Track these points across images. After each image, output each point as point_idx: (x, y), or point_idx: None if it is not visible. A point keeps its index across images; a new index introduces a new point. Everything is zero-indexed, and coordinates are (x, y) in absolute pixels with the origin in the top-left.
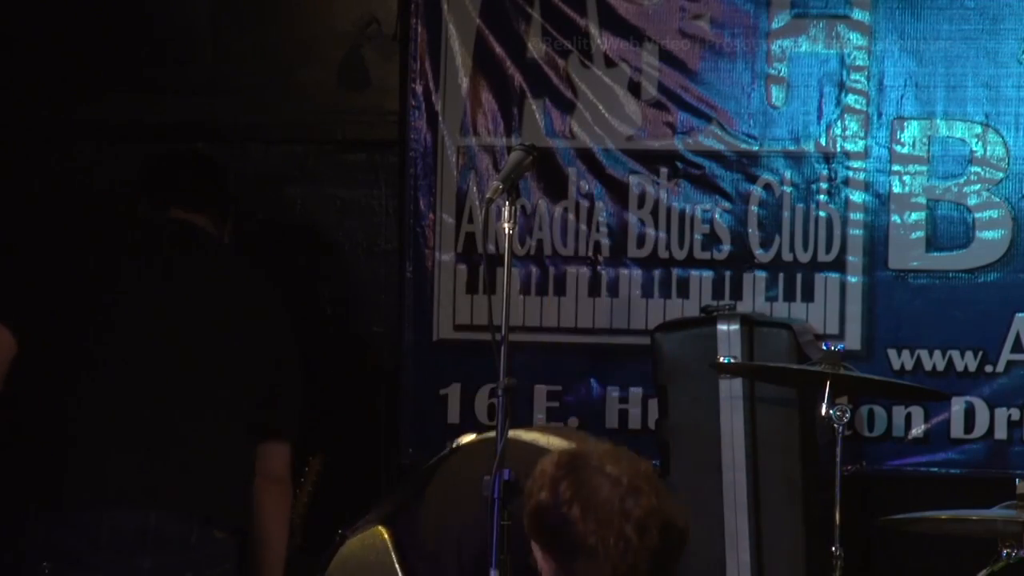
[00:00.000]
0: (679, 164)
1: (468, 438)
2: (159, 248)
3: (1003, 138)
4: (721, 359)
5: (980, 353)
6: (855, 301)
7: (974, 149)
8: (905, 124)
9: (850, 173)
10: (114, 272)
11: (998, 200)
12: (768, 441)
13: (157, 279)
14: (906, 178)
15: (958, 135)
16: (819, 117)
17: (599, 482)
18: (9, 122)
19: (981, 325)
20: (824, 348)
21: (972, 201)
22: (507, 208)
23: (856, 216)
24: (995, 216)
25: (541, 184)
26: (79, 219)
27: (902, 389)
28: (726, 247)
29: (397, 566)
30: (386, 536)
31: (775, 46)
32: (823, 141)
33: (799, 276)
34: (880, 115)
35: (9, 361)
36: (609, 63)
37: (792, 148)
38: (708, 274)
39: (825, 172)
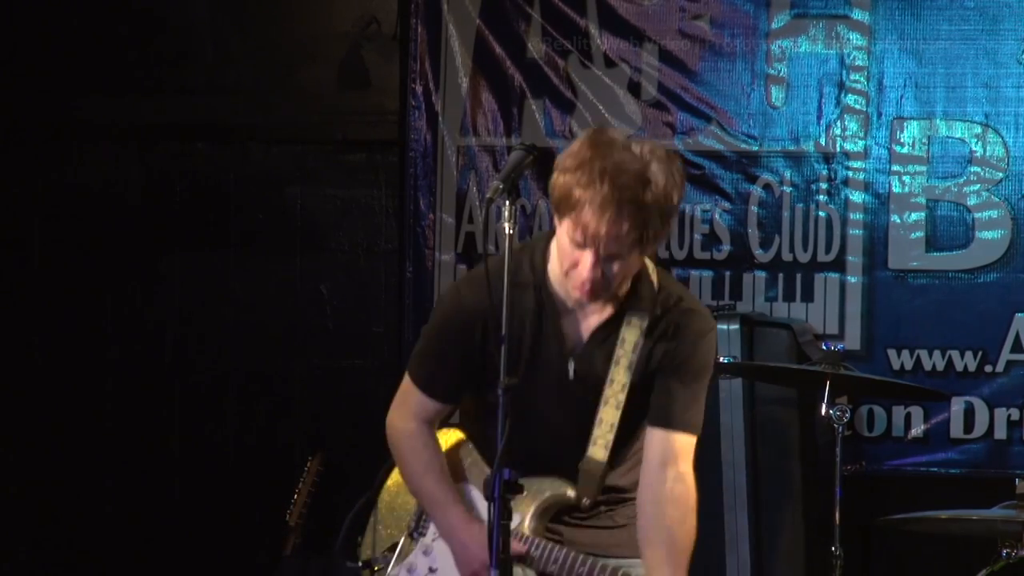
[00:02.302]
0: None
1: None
2: None
3: (1003, 138)
4: (721, 359)
5: (980, 353)
6: (855, 301)
7: (974, 149)
8: (905, 124)
9: (850, 173)
10: None
11: (998, 200)
12: (768, 441)
13: None
14: (906, 178)
15: (958, 135)
16: (819, 117)
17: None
18: (9, 122)
19: (981, 325)
20: (824, 348)
21: (972, 201)
22: (507, 208)
23: (856, 216)
24: (995, 216)
25: (541, 184)
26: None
27: (902, 389)
28: (726, 247)
29: None
30: None
31: (775, 46)
32: (823, 141)
33: (799, 276)
34: (880, 115)
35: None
36: (609, 63)
37: (792, 148)
38: (708, 274)
39: (825, 172)
